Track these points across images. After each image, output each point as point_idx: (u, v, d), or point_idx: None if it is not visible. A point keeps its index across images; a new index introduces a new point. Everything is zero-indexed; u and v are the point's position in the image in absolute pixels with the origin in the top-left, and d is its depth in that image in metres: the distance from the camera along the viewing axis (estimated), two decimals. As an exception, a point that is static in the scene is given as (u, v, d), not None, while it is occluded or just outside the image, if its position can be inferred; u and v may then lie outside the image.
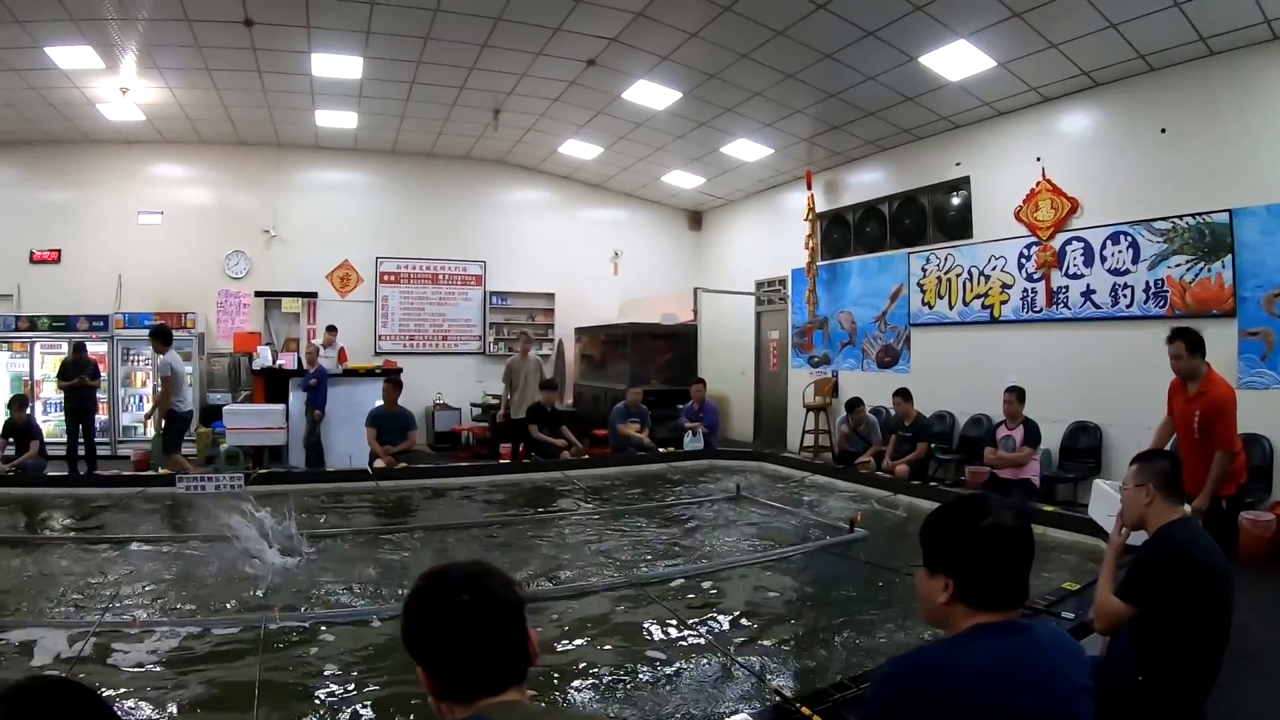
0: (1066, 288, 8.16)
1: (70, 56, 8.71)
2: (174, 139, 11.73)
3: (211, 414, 10.69)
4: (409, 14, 8.11)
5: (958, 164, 9.45)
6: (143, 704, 2.95)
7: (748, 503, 6.89)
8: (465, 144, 12.64)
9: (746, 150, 11.44)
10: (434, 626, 1.32)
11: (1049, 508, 5.78)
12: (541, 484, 7.67)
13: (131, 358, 11.13)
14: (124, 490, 6.93)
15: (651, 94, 9.90)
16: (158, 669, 3.31)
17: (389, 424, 8.30)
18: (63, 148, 11.52)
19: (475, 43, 8.80)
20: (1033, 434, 6.94)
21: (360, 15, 8.10)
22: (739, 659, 3.42)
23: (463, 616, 1.31)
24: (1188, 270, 7.15)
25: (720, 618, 4.05)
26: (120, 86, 9.54)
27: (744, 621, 3.99)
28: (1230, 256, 6.88)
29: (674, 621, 3.90)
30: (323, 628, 3.81)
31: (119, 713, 2.69)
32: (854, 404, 8.62)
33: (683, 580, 4.68)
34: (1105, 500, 4.14)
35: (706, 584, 4.65)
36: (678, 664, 3.42)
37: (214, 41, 8.60)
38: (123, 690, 3.07)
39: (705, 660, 3.46)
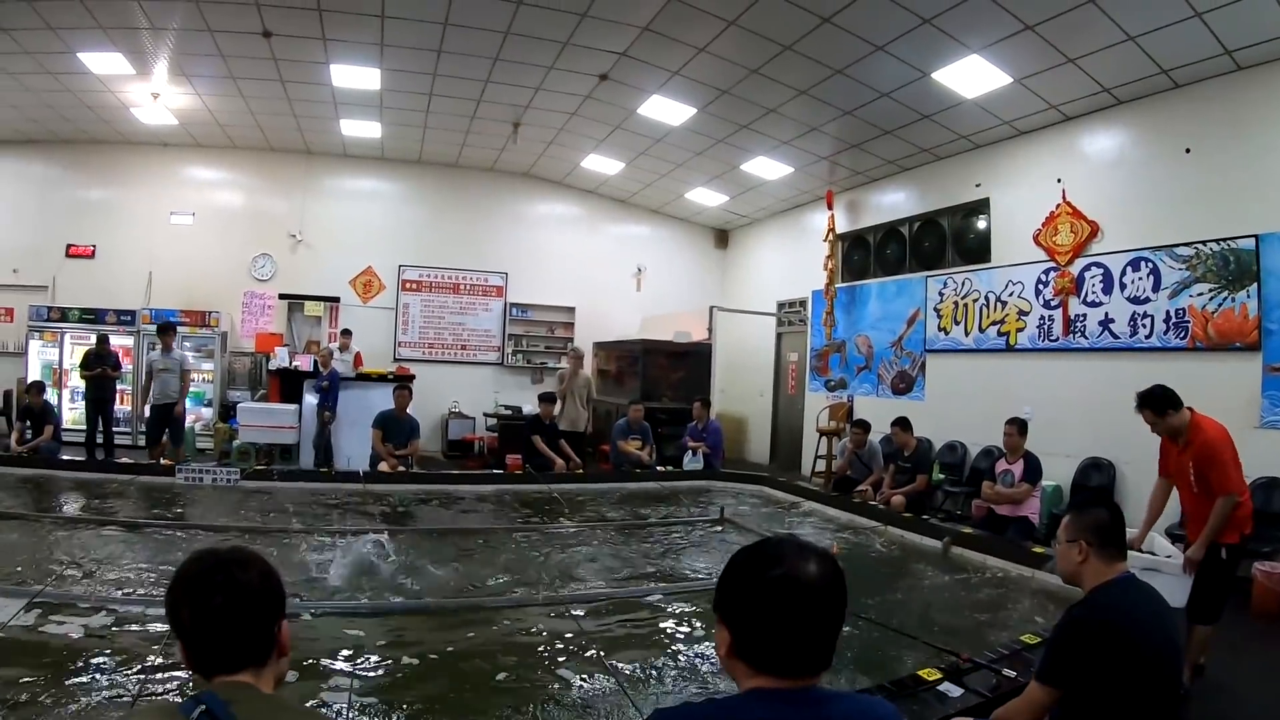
0: (1084, 316, 7.77)
1: (102, 62, 9.06)
2: (206, 143, 12.11)
3: (229, 411, 10.88)
4: (420, 27, 8.21)
5: (978, 185, 9.13)
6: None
7: (731, 527, 6.66)
8: (489, 156, 12.74)
9: (767, 168, 11.27)
10: (180, 603, 1.41)
11: (1039, 549, 5.42)
12: (530, 496, 7.58)
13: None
14: (125, 477, 7.17)
15: (666, 109, 9.84)
16: (76, 639, 3.42)
17: (395, 428, 8.41)
18: (101, 147, 11.96)
19: (487, 56, 8.85)
20: (1033, 469, 6.57)
21: (373, 28, 8.23)
22: (629, 688, 3.26)
23: (203, 597, 1.39)
24: (1210, 299, 6.72)
25: (639, 642, 3.87)
26: (151, 92, 9.87)
27: (660, 649, 3.79)
28: (1256, 286, 6.44)
29: (592, 642, 3.75)
30: None
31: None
32: (858, 425, 8.34)
33: (622, 600, 4.53)
34: None
35: (647, 606, 4.46)
36: (568, 686, 3.27)
37: (236, 51, 8.84)
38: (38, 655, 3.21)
39: (595, 685, 3.30)
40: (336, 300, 12.78)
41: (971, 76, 7.61)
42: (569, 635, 3.88)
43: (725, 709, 1.40)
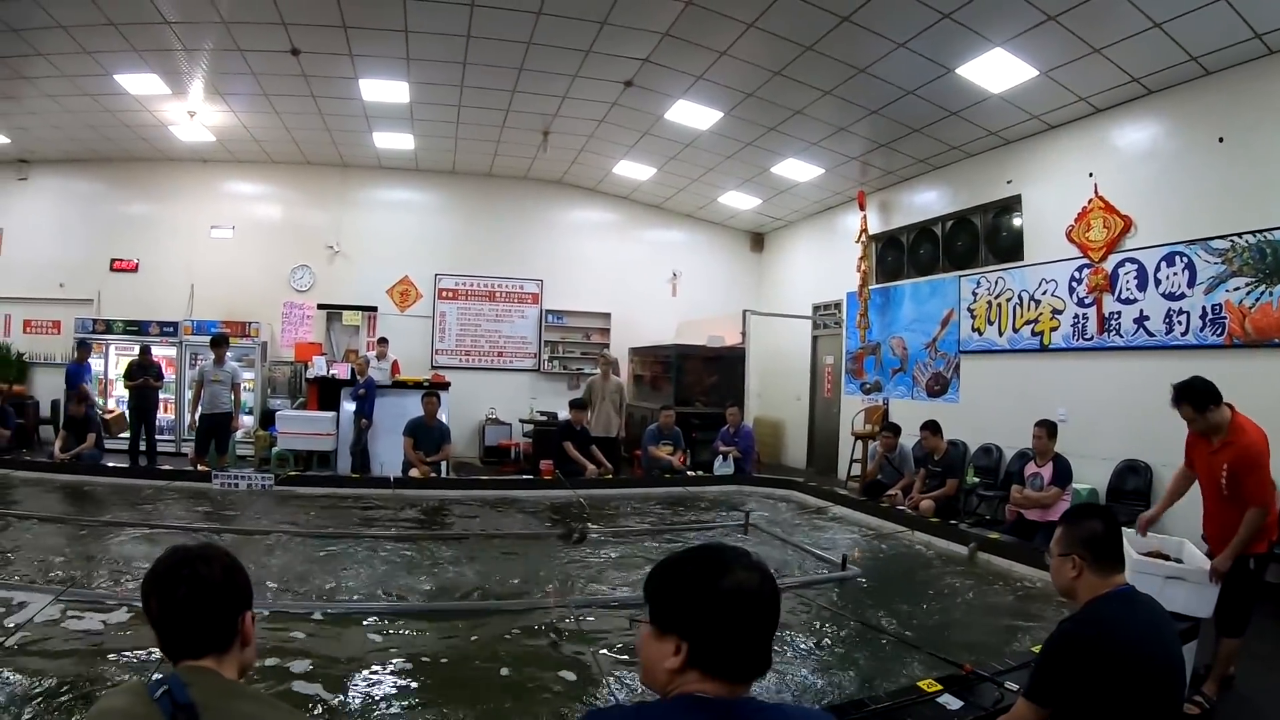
0: (1119, 314, 7.53)
1: (138, 83, 9.39)
2: (244, 158, 12.45)
3: (270, 419, 11.13)
4: (444, 40, 8.33)
5: (1009, 181, 8.92)
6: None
7: (754, 532, 6.59)
8: (522, 164, 12.85)
9: (797, 170, 11.17)
10: (150, 594, 1.55)
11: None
12: (557, 502, 7.61)
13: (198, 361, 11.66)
14: (162, 483, 7.39)
15: (693, 114, 9.82)
16: (95, 633, 3.62)
17: (425, 435, 8.52)
18: (142, 164, 12.39)
19: (512, 66, 8.94)
20: (1062, 473, 6.38)
21: (398, 43, 8.37)
22: (625, 691, 3.27)
23: (169, 588, 1.53)
24: (1247, 294, 6.44)
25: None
26: (188, 110, 10.19)
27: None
28: (1294, 279, 6.17)
29: (598, 646, 3.77)
30: (265, 612, 3.92)
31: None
32: (889, 429, 8.21)
33: (634, 605, 4.49)
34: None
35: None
36: (568, 688, 3.31)
37: (267, 70, 9.08)
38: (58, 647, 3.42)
39: (594, 688, 3.32)
40: (374, 309, 12.99)
41: (996, 70, 7.44)
42: (575, 639, 3.89)
43: (654, 713, 1.41)
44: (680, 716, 1.34)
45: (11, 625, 3.59)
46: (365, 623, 4.02)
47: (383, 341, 11.79)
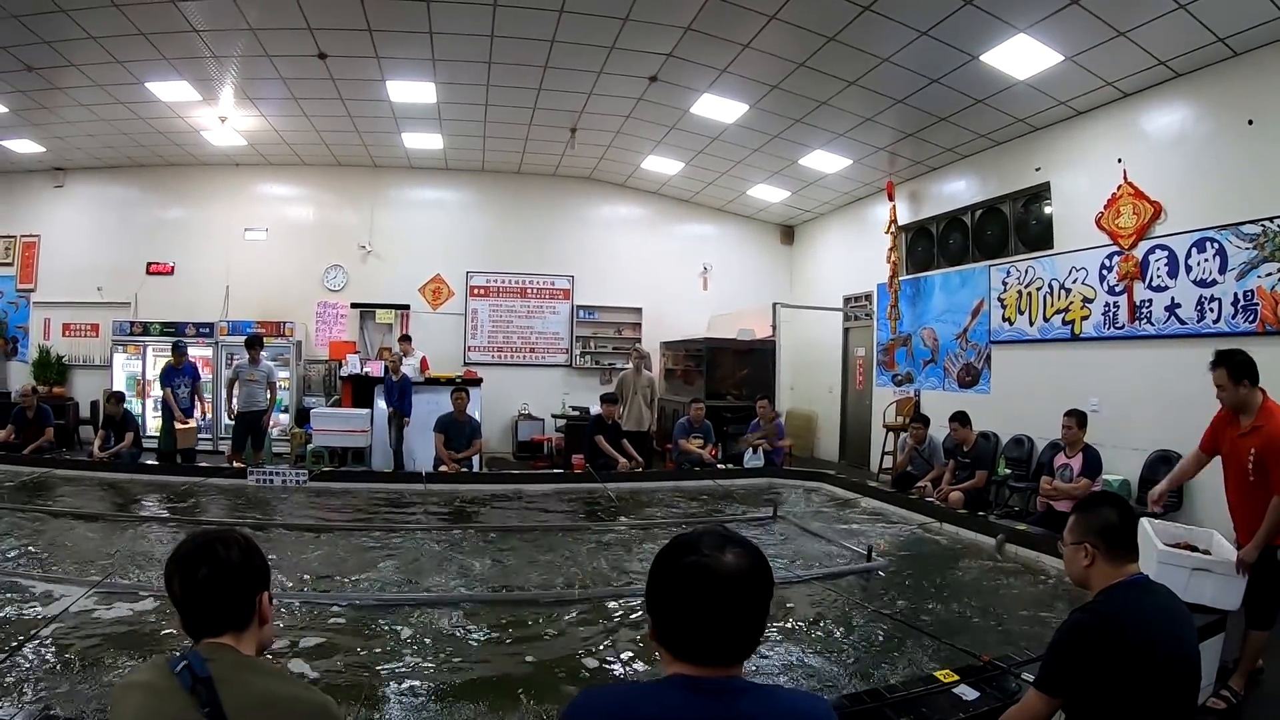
0: (1150, 301, 7.38)
1: (169, 90, 9.58)
2: (276, 161, 12.65)
3: (305, 416, 11.31)
4: (468, 41, 8.39)
5: (1038, 169, 8.78)
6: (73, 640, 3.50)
7: (782, 524, 6.62)
8: (550, 161, 12.91)
9: (825, 161, 11.09)
10: (173, 575, 1.65)
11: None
12: (585, 495, 7.72)
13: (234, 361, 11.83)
14: (198, 479, 7.66)
15: (719, 107, 9.80)
16: (124, 621, 3.82)
17: (456, 431, 8.65)
18: (176, 169, 12.65)
19: (537, 65, 8.98)
20: (1092, 464, 6.32)
21: (423, 44, 8.45)
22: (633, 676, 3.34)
23: (191, 569, 1.63)
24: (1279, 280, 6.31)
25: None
26: (219, 116, 10.40)
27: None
28: (1328, 264, 6.01)
29: (620, 637, 3.87)
30: (296, 604, 4.11)
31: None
32: (918, 420, 8.18)
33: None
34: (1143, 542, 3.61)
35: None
36: (591, 677, 3.39)
37: (296, 74, 9.22)
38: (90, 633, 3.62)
39: (615, 676, 3.40)
40: (407, 308, 13.13)
41: (1021, 57, 7.32)
42: (599, 629, 3.99)
43: (643, 693, 1.44)
44: (668, 693, 1.37)
45: (49, 615, 3.76)
46: (392, 612, 4.11)
47: (406, 339, 11.84)
